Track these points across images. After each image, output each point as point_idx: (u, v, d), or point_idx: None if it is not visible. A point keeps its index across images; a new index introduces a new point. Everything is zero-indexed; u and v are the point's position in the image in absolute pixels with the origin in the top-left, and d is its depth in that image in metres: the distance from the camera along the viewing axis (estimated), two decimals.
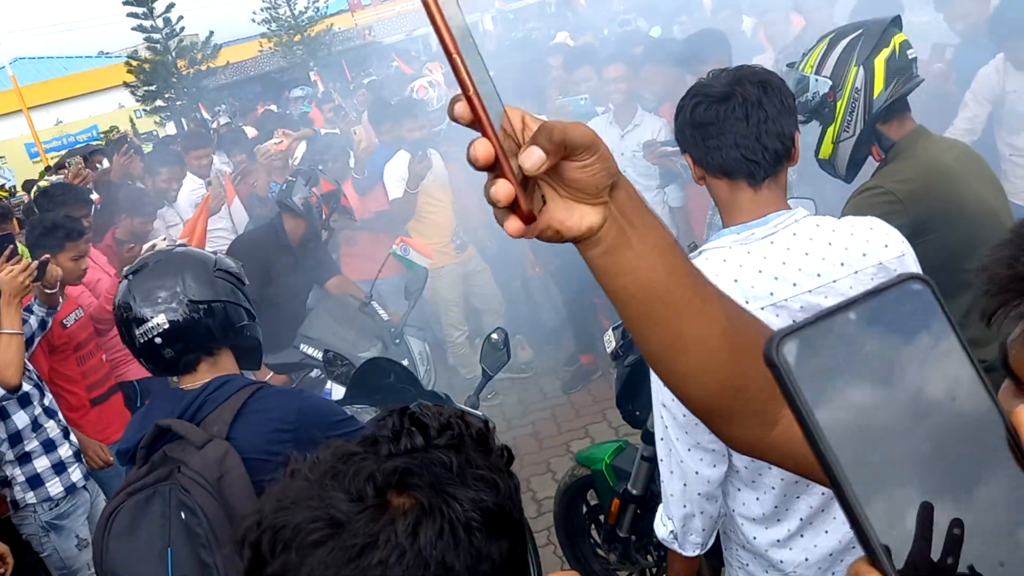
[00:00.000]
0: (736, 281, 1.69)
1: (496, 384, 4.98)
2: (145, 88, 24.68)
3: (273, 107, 12.50)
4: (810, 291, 1.69)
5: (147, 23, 24.57)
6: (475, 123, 0.69)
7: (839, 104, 2.38)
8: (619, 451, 3.14)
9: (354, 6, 31.03)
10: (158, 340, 2.01)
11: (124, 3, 23.99)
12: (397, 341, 3.65)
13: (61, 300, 3.79)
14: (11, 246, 3.35)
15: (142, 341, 2.03)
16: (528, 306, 6.47)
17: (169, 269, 2.08)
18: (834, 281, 1.70)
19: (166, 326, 2.00)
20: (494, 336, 2.81)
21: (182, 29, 25.13)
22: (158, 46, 24.74)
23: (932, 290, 0.53)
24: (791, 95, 1.81)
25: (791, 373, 0.50)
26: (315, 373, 3.32)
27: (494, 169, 0.70)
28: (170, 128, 24.05)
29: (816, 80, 2.41)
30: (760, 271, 1.69)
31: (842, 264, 1.71)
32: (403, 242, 3.83)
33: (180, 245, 2.27)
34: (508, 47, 10.98)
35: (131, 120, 24.55)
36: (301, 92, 16.62)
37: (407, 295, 3.53)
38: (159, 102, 24.71)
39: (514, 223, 0.72)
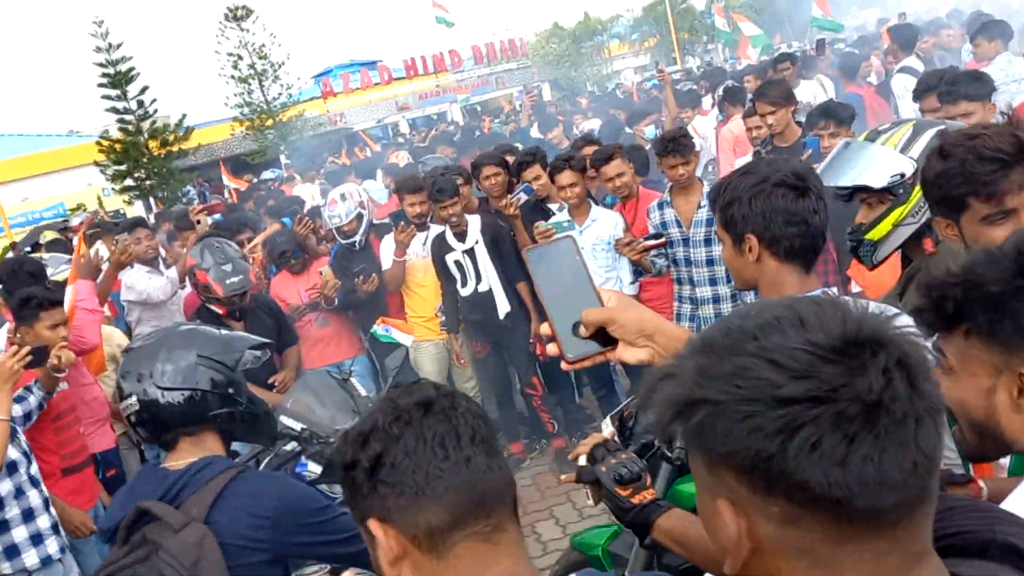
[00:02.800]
0: None
1: None
2: (115, 167, 24.72)
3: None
4: None
5: (120, 104, 24.81)
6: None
7: (917, 188, 2.31)
8: (615, 536, 3.02)
9: (326, 94, 31.74)
10: (133, 418, 2.10)
11: (99, 85, 24.31)
12: None
13: (61, 386, 3.92)
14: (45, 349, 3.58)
15: (125, 415, 2.12)
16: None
17: (151, 351, 2.12)
18: None
19: (136, 407, 2.07)
20: None
21: (155, 111, 25.40)
22: (130, 127, 24.91)
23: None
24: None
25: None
26: (291, 445, 3.43)
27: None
28: (138, 207, 24.08)
29: (901, 158, 2.35)
30: None
31: None
32: (384, 323, 3.99)
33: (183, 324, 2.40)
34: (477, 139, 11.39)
35: (99, 198, 24.57)
36: (272, 174, 17.09)
37: (386, 372, 3.66)
38: (128, 181, 24.72)
39: (562, 364, 1.37)
